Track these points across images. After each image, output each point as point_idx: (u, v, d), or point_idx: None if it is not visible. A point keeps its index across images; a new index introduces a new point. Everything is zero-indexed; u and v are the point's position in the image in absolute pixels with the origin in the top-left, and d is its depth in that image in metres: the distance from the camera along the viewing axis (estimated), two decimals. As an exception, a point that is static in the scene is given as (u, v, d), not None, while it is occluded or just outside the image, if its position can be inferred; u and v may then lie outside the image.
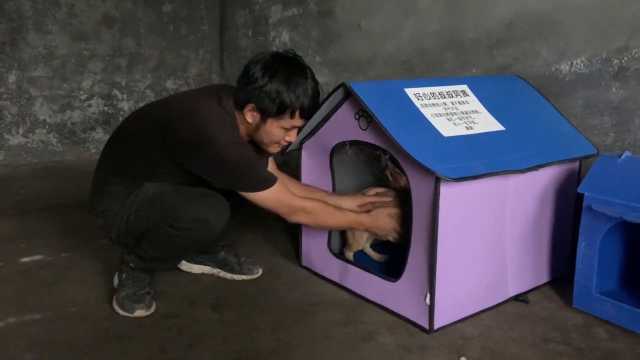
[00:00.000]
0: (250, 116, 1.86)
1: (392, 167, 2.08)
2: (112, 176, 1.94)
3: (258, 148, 1.97)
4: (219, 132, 1.79)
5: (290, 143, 1.97)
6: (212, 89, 1.95)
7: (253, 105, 1.83)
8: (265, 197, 1.86)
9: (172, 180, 1.92)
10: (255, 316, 1.92)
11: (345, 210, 2.01)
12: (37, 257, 2.40)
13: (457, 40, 2.74)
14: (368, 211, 2.07)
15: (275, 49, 4.01)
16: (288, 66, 1.82)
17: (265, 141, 1.91)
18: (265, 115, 1.83)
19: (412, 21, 2.96)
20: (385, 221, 2.06)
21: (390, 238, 2.08)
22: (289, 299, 2.04)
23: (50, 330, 1.82)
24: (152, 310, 1.94)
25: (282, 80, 1.79)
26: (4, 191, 3.40)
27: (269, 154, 2.07)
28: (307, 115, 1.87)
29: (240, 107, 1.86)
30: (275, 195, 1.88)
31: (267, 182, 1.86)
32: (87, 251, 2.33)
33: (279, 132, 1.87)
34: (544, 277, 2.14)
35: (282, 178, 2.06)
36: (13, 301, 2.01)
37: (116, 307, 1.94)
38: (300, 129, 1.97)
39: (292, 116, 1.83)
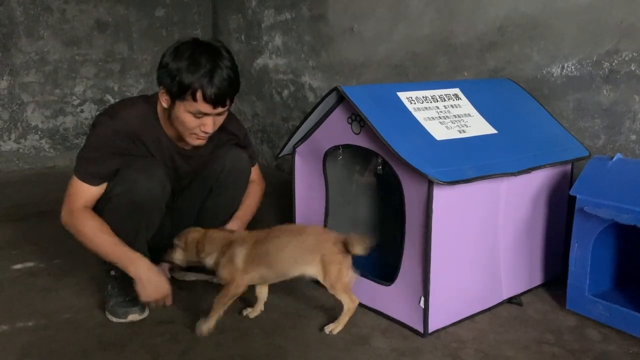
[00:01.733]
0: (164, 100, 1.82)
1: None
2: None
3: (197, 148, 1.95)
4: (105, 114, 1.86)
5: (208, 134, 1.86)
6: None
7: (162, 87, 1.80)
8: (70, 180, 1.86)
9: None
10: (248, 321, 1.91)
11: (122, 244, 1.81)
12: (29, 264, 2.39)
13: (449, 44, 2.75)
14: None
15: (268, 54, 4.03)
16: (196, 47, 1.77)
17: (181, 129, 1.85)
18: (172, 97, 1.78)
19: (404, 25, 2.97)
20: (150, 279, 1.82)
21: (142, 299, 1.84)
22: (282, 303, 2.04)
23: (43, 337, 1.81)
24: (146, 314, 1.93)
25: (184, 58, 1.74)
26: (-4, 197, 3.38)
27: (204, 149, 2.00)
28: (212, 100, 1.75)
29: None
30: (70, 187, 1.85)
31: (79, 171, 1.83)
32: (79, 258, 2.31)
33: (189, 118, 1.79)
34: (537, 280, 2.14)
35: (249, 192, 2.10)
36: (5, 309, 1.99)
37: (109, 316, 1.92)
38: (223, 117, 1.87)
39: (194, 98, 1.74)
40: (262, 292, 1.95)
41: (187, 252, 1.87)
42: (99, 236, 1.81)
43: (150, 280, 1.81)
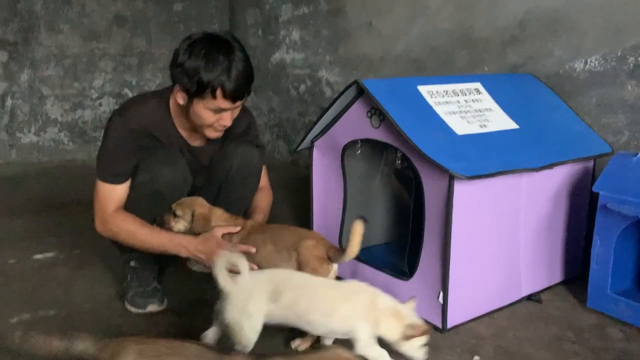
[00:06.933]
0: (180, 97, 1.82)
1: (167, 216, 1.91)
2: None
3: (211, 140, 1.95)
4: (117, 114, 1.87)
5: (226, 128, 1.87)
6: None
7: (178, 85, 1.80)
8: (95, 187, 1.87)
9: None
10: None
11: (161, 231, 1.84)
12: (49, 255, 2.42)
13: (469, 38, 2.72)
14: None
15: (285, 48, 4.02)
16: (211, 43, 1.76)
17: (198, 124, 1.85)
18: (189, 95, 1.78)
19: (423, 20, 2.95)
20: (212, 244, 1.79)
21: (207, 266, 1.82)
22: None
23: (64, 326, 1.82)
24: (165, 305, 1.94)
25: (200, 57, 1.73)
26: (17, 189, 3.42)
27: (218, 142, 2.00)
28: (231, 96, 1.75)
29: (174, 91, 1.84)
30: (97, 193, 1.86)
31: (102, 174, 1.85)
32: (99, 249, 2.33)
33: (208, 114, 1.80)
34: (557, 277, 2.12)
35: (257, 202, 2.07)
36: (27, 297, 2.02)
37: (128, 306, 1.94)
38: (238, 110, 1.87)
39: (214, 96, 1.74)
40: None
41: (191, 224, 1.85)
42: (139, 233, 1.83)
43: (216, 245, 1.78)
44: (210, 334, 1.62)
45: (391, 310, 1.51)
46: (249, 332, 1.49)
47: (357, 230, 1.62)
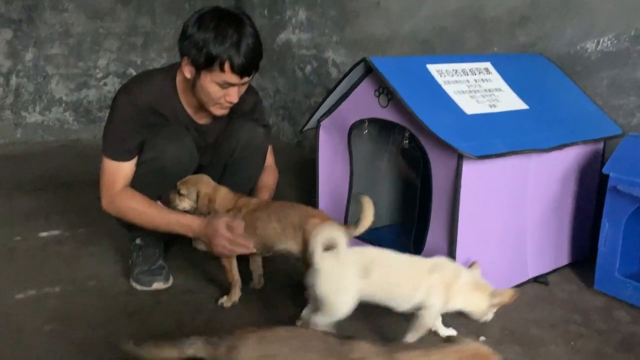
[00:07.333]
0: (187, 71, 1.80)
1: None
2: None
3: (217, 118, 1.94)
4: (122, 91, 1.87)
5: (232, 104, 1.84)
6: None
7: (186, 58, 1.78)
8: (102, 164, 1.86)
9: None
10: (273, 293, 1.92)
11: (168, 211, 1.84)
12: (54, 232, 2.42)
13: (478, 18, 2.68)
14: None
15: (291, 29, 3.98)
16: (221, 17, 1.73)
17: (205, 100, 1.83)
18: (197, 68, 1.76)
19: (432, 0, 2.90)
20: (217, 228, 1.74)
21: (215, 252, 1.78)
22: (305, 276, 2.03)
23: (69, 303, 1.83)
24: (170, 283, 1.95)
25: (210, 29, 1.71)
26: (22, 168, 3.43)
27: (222, 119, 1.99)
28: (239, 71, 1.73)
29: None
30: (103, 171, 1.85)
31: (108, 151, 1.84)
32: (104, 228, 2.33)
33: (215, 88, 1.78)
34: (564, 259, 2.11)
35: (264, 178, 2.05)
36: (32, 274, 2.02)
37: (133, 284, 1.94)
38: (245, 87, 1.85)
39: (222, 69, 1.72)
40: (255, 267, 1.93)
41: (195, 204, 1.84)
42: (146, 212, 1.82)
43: (216, 234, 1.74)
44: (308, 312, 1.62)
45: (473, 284, 1.56)
46: (341, 307, 1.52)
47: (368, 206, 1.62)
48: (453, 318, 1.66)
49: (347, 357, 1.07)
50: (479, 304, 1.56)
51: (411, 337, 1.56)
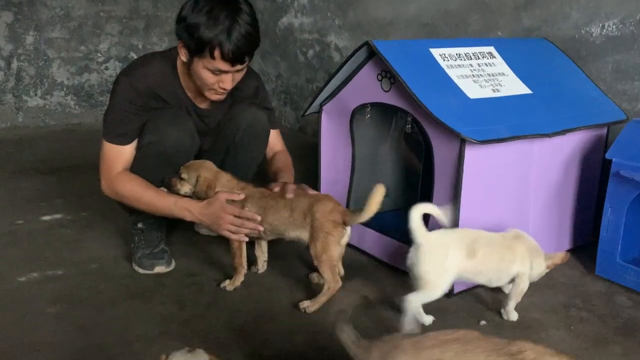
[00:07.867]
0: (183, 54, 1.78)
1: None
2: None
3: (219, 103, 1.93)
4: (123, 74, 1.86)
5: (226, 90, 1.82)
6: None
7: (181, 42, 1.76)
8: (101, 147, 1.86)
9: None
10: (274, 277, 1.92)
11: (167, 194, 1.83)
12: (57, 216, 2.43)
13: (482, 1, 2.65)
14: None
15: (293, 12, 3.94)
16: (217, 1, 1.69)
17: (199, 84, 1.82)
18: (190, 53, 1.74)
19: (436, -18, 2.87)
20: (219, 208, 1.75)
21: (222, 233, 1.79)
22: (307, 260, 2.04)
23: (72, 286, 1.84)
24: (172, 267, 1.95)
25: (203, 13, 1.67)
26: (24, 152, 3.43)
27: (221, 104, 1.97)
28: (230, 58, 1.69)
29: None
30: (103, 154, 1.85)
31: (108, 134, 1.84)
32: (106, 211, 2.34)
33: (208, 74, 1.75)
34: (566, 244, 2.11)
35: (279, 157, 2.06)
36: (35, 257, 2.03)
37: (135, 267, 1.95)
38: (240, 73, 1.81)
39: (212, 56, 1.69)
40: (260, 252, 1.94)
41: (195, 188, 1.83)
42: (145, 195, 1.82)
43: (221, 214, 1.75)
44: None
45: (536, 248, 1.68)
46: (441, 286, 1.57)
47: (379, 192, 1.64)
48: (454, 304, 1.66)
49: (518, 358, 1.02)
50: (542, 265, 1.67)
51: (511, 305, 1.65)
